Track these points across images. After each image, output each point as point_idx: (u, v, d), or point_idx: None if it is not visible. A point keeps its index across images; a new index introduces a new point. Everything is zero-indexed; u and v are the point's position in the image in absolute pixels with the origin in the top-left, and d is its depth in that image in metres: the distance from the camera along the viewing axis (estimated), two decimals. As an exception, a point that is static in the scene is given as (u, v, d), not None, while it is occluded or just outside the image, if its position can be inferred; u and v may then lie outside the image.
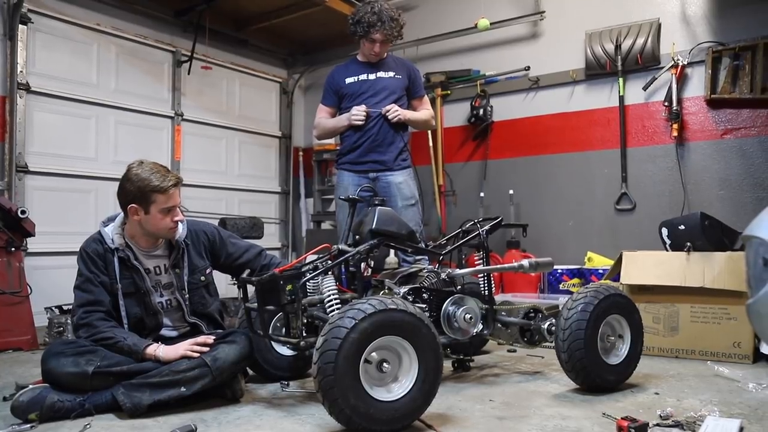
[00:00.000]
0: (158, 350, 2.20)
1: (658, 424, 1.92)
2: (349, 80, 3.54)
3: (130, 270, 2.36)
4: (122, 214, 2.42)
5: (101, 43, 4.80)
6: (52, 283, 4.12)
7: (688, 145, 4.31)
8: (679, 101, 4.24)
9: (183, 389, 2.15)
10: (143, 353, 2.19)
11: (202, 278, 2.52)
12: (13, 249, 3.50)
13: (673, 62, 4.23)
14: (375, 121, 3.44)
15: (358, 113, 3.40)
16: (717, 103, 4.16)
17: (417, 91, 3.65)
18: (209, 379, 2.19)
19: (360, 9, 3.46)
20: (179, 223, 2.41)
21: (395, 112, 3.41)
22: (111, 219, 2.45)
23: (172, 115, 5.27)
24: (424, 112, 3.64)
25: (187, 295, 2.46)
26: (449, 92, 5.31)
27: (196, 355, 2.19)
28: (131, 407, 2.08)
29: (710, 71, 4.09)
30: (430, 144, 5.21)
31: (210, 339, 2.26)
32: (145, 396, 2.10)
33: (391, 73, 3.55)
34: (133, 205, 2.31)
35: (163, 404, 2.14)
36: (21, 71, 4.26)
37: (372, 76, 3.53)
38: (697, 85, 4.26)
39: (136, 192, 2.30)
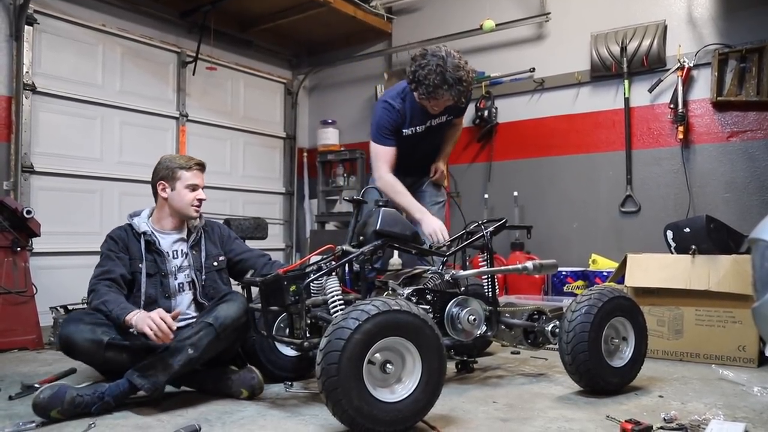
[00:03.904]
0: (134, 318, 2.19)
1: (662, 428, 1.92)
2: (406, 132, 3.20)
3: (153, 253, 2.54)
4: (147, 208, 2.67)
5: (106, 44, 4.82)
6: (57, 283, 4.14)
7: (693, 148, 4.30)
8: (685, 103, 4.23)
9: (190, 351, 2.22)
10: (124, 322, 2.21)
11: (215, 263, 2.68)
12: (18, 249, 3.51)
13: (679, 64, 4.22)
14: (418, 157, 3.35)
15: (436, 237, 2.96)
16: (723, 105, 4.15)
17: (462, 113, 3.44)
18: (213, 335, 2.28)
19: (421, 63, 2.95)
20: (202, 207, 2.64)
21: (440, 173, 3.48)
22: (136, 213, 2.65)
23: (177, 115, 5.28)
24: (457, 135, 3.56)
25: (204, 276, 2.61)
26: (454, 94, 5.30)
27: (155, 327, 2.12)
28: (150, 387, 2.15)
29: (716, 73, 4.08)
30: (435, 145, 5.20)
31: (170, 320, 2.18)
32: (160, 373, 2.17)
33: (444, 117, 3.23)
34: (162, 181, 2.60)
35: (181, 376, 2.22)
36: (27, 72, 4.28)
37: (429, 125, 3.23)
38: (703, 88, 4.24)
39: (164, 170, 2.61)
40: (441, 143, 3.48)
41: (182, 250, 2.64)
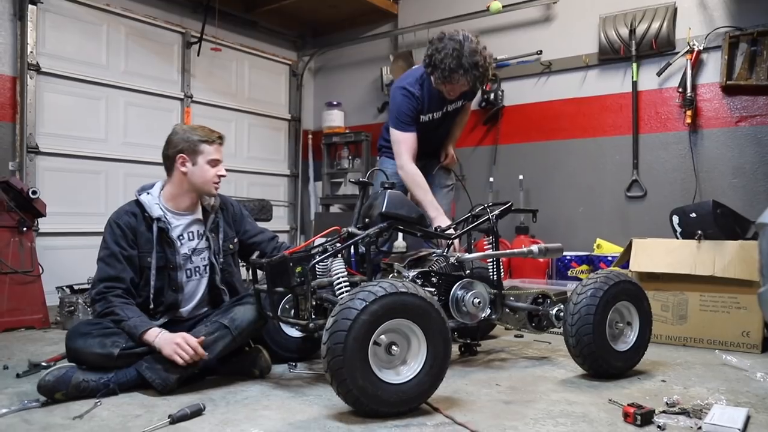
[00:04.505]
0: (156, 339, 2.15)
1: (664, 411, 1.92)
2: (424, 119, 3.20)
3: (164, 243, 2.38)
4: (159, 182, 2.47)
5: (111, 24, 4.79)
6: (62, 263, 4.16)
7: (701, 132, 4.27)
8: (694, 87, 4.19)
9: (206, 353, 2.18)
10: (140, 338, 2.16)
11: (231, 246, 2.57)
12: (24, 229, 3.53)
13: (688, 47, 4.18)
14: (431, 139, 3.34)
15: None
16: (733, 89, 4.10)
17: (472, 97, 3.45)
18: (230, 339, 2.25)
19: (438, 47, 2.94)
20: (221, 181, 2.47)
21: (451, 158, 3.47)
22: (145, 189, 2.46)
23: (182, 96, 5.26)
24: (465, 119, 3.54)
25: (222, 260, 2.50)
26: (460, 76, 5.26)
27: (187, 357, 2.11)
28: (161, 383, 2.11)
29: (727, 57, 4.03)
30: (440, 128, 5.18)
31: (200, 350, 2.15)
32: (172, 369, 2.13)
33: (459, 102, 3.26)
34: (182, 155, 2.39)
35: (192, 375, 2.18)
36: (31, 52, 4.26)
37: (446, 110, 3.25)
38: (712, 72, 4.20)
39: (184, 142, 2.40)
40: (452, 127, 3.46)
41: (198, 231, 2.48)
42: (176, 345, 2.12)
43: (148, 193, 2.43)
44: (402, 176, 3.17)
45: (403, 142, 3.15)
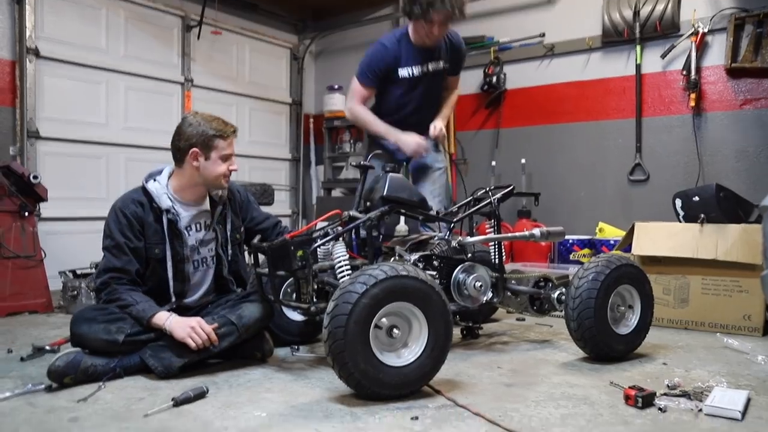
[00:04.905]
0: (167, 321, 2.16)
1: (665, 394, 1.93)
2: (402, 73, 3.20)
3: (174, 235, 2.34)
4: (166, 169, 2.40)
5: (110, 8, 4.75)
6: (64, 247, 4.17)
7: (705, 116, 4.24)
8: (698, 70, 4.15)
9: (211, 347, 2.19)
10: (148, 321, 2.17)
11: (238, 236, 2.53)
12: (26, 214, 3.53)
13: (693, 29, 4.13)
14: (418, 113, 3.31)
15: (421, 149, 3.18)
16: (737, 72, 4.07)
17: (457, 70, 3.43)
18: (236, 336, 2.26)
19: None
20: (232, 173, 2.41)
21: (440, 130, 3.30)
22: (152, 175, 2.39)
23: (182, 81, 5.23)
24: (453, 98, 3.50)
25: (230, 251, 2.48)
26: (462, 59, 5.22)
27: (200, 341, 2.13)
28: (163, 370, 2.12)
29: (732, 39, 3.99)
30: (442, 112, 5.15)
31: (213, 336, 2.19)
32: (174, 358, 2.14)
33: (441, 63, 3.26)
34: (195, 149, 2.29)
35: (194, 364, 2.19)
36: (30, 36, 4.23)
37: (425, 69, 3.22)
38: (717, 54, 4.15)
39: (198, 136, 2.29)
40: (438, 101, 3.40)
41: (206, 222, 2.43)
42: (191, 329, 2.14)
43: (155, 181, 2.36)
44: (350, 117, 3.39)
45: (358, 92, 3.27)
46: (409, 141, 3.17)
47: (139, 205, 2.31)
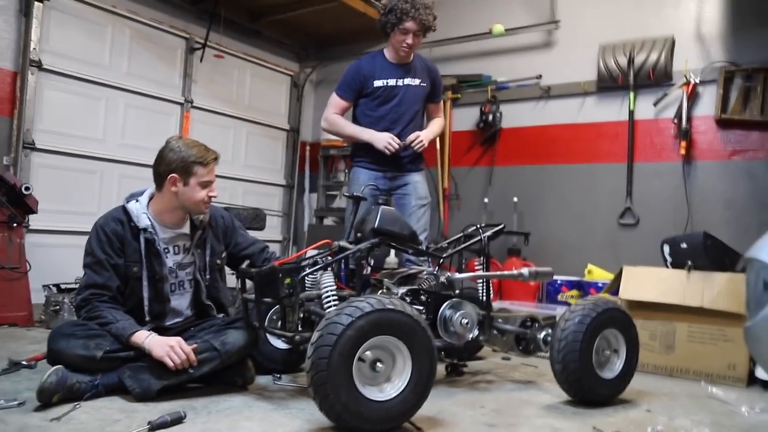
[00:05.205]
0: (147, 340, 2.14)
1: (648, 441, 1.91)
2: (377, 83, 3.37)
3: (151, 254, 2.34)
4: (148, 190, 2.41)
5: (116, 25, 4.81)
6: (51, 261, 4.13)
7: (695, 164, 4.30)
8: (689, 119, 4.24)
9: (191, 371, 2.16)
10: (128, 339, 2.14)
11: (218, 261, 2.53)
12: (15, 225, 3.51)
13: (685, 80, 4.23)
14: (390, 123, 3.37)
15: (392, 145, 3.27)
16: (727, 123, 4.15)
17: (436, 96, 3.56)
18: (218, 362, 2.23)
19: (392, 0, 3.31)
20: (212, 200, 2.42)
21: (420, 143, 3.35)
22: (134, 195, 2.41)
23: (182, 101, 5.27)
24: (438, 123, 3.59)
25: (208, 276, 2.47)
26: (459, 96, 5.31)
27: (178, 361, 2.11)
28: (141, 392, 2.08)
29: (722, 91, 4.09)
30: (438, 147, 5.21)
31: (192, 356, 2.16)
32: (154, 380, 2.11)
33: (418, 81, 3.42)
34: (174, 175, 2.30)
35: (173, 388, 2.15)
36: (34, 48, 4.26)
37: (400, 83, 3.38)
38: (707, 104, 4.25)
39: (178, 162, 2.30)
40: (417, 123, 3.49)
41: (184, 246, 2.43)
42: (170, 348, 2.12)
43: (137, 201, 2.37)
44: (325, 126, 3.53)
45: (335, 103, 3.45)
46: (379, 136, 3.30)
47: (119, 223, 2.32)
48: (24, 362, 2.44)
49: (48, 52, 4.37)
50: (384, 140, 3.28)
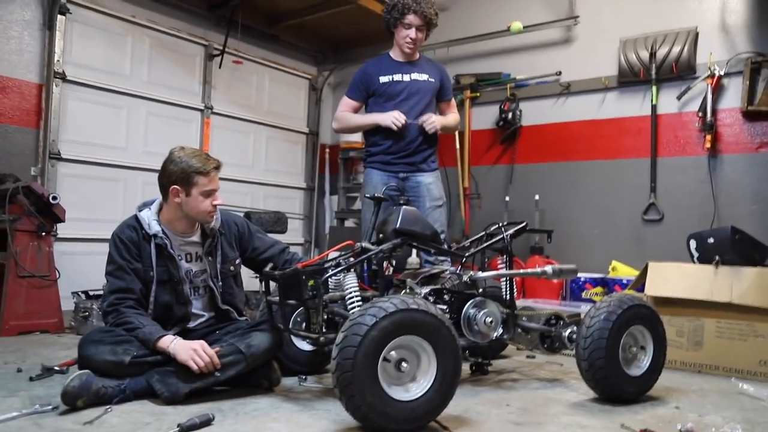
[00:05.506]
0: (172, 345, 2.18)
1: (678, 439, 1.89)
2: (383, 79, 3.44)
3: (165, 258, 2.39)
4: (158, 199, 2.47)
5: (136, 35, 4.88)
6: (79, 268, 4.20)
7: (721, 158, 4.23)
8: (714, 112, 4.16)
9: (218, 374, 2.19)
10: (154, 344, 2.18)
11: (232, 268, 2.55)
12: (43, 234, 3.58)
13: (709, 72, 4.15)
14: (409, 128, 3.39)
15: (398, 120, 3.30)
16: (754, 115, 4.07)
17: (446, 94, 3.60)
18: (243, 365, 2.25)
19: None
20: (217, 208, 2.45)
21: (432, 123, 3.36)
22: (146, 204, 2.48)
23: (202, 107, 5.33)
24: (453, 116, 3.62)
25: (220, 283, 2.50)
26: (478, 95, 5.28)
27: (202, 364, 2.14)
28: (169, 396, 2.11)
29: (748, 82, 4.01)
30: (457, 146, 5.20)
31: (216, 359, 2.18)
32: (182, 384, 2.14)
33: (425, 76, 3.47)
34: (175, 186, 2.35)
35: (201, 391, 2.18)
36: (58, 60, 4.35)
37: (407, 78, 3.44)
38: (733, 96, 4.17)
39: (179, 173, 2.34)
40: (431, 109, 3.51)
41: (196, 254, 2.48)
42: (193, 351, 2.15)
43: (148, 209, 2.44)
44: (335, 126, 3.68)
45: (345, 103, 3.58)
46: (385, 115, 3.36)
47: (133, 230, 2.39)
48: (56, 368, 2.49)
49: (71, 64, 4.46)
50: (390, 116, 3.33)
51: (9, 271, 3.45)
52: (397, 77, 3.44)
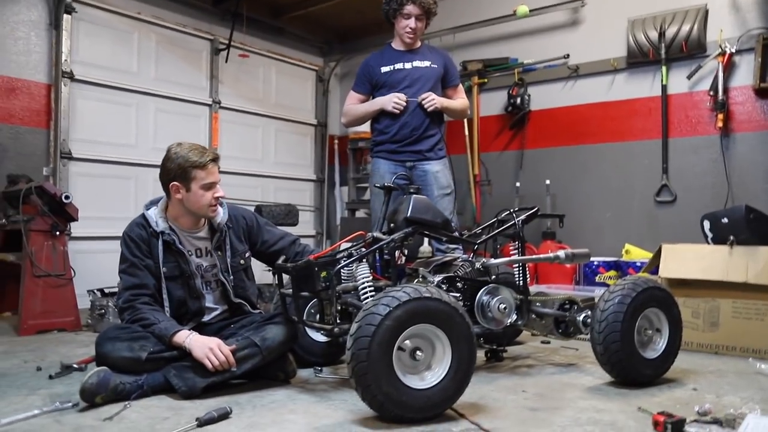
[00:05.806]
0: (187, 340, 2.19)
1: (695, 420, 1.88)
2: (384, 69, 3.45)
3: (174, 254, 2.40)
4: (165, 197, 2.47)
5: (142, 32, 4.89)
6: (94, 266, 4.25)
7: (733, 136, 4.18)
8: (725, 90, 4.11)
9: (234, 369, 2.20)
10: (170, 340, 2.20)
11: (242, 261, 2.56)
12: (57, 233, 3.61)
13: (720, 50, 4.10)
14: (412, 112, 3.38)
15: (399, 101, 3.33)
16: (766, 92, 4.01)
17: (452, 80, 3.57)
18: (259, 358, 2.26)
19: None
20: (220, 203, 2.46)
21: (432, 100, 3.35)
22: (153, 202, 2.49)
23: (210, 102, 5.34)
24: (459, 101, 3.59)
25: (231, 277, 2.51)
26: (486, 81, 5.25)
27: (217, 363, 2.15)
28: (186, 390, 2.13)
29: (760, 59, 3.95)
30: (466, 133, 5.17)
31: (231, 358, 2.19)
32: (198, 378, 2.15)
33: (427, 62, 3.45)
34: (174, 183, 2.36)
35: (217, 385, 2.19)
36: (65, 60, 4.38)
37: (408, 65, 3.45)
38: (745, 74, 4.11)
39: (176, 169, 2.35)
40: (433, 112, 3.45)
41: (205, 248, 2.49)
42: (209, 350, 2.16)
43: (155, 207, 2.46)
44: (344, 120, 3.68)
45: (352, 97, 3.60)
46: (386, 98, 3.38)
47: (142, 228, 2.41)
48: (75, 365, 2.52)
49: (79, 63, 4.48)
50: (389, 99, 3.34)
51: (25, 271, 3.49)
52: (399, 66, 3.45)
